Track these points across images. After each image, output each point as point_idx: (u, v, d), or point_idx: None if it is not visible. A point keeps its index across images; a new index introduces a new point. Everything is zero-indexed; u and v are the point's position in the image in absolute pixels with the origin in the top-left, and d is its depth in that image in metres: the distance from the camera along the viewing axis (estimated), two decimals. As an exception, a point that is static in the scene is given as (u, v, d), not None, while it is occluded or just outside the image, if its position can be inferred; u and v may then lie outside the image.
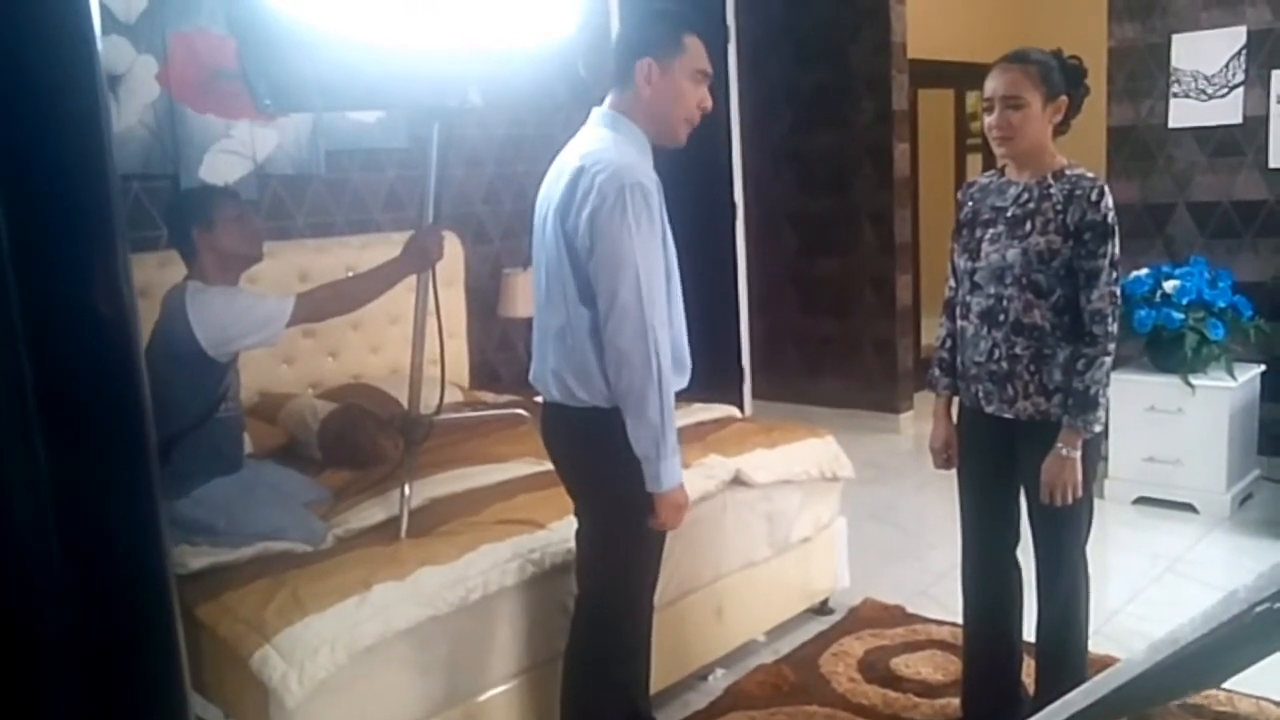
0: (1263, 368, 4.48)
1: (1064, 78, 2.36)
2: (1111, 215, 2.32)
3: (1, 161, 0.52)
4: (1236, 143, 4.58)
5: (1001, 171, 2.51)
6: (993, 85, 2.36)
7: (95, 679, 0.55)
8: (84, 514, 0.54)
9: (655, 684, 2.55)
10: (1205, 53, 4.59)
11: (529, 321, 4.34)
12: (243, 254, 2.68)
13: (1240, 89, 4.53)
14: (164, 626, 0.59)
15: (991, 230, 2.45)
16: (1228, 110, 4.57)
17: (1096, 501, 2.51)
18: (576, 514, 2.40)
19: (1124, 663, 0.76)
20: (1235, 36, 4.51)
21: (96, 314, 0.55)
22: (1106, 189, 2.33)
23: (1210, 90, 4.60)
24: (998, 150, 2.41)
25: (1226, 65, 4.54)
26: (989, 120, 2.38)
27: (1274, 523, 4.19)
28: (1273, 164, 4.48)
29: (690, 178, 5.24)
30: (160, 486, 0.58)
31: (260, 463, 2.97)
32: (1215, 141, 4.63)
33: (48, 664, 0.54)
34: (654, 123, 2.19)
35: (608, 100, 2.23)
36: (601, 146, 2.14)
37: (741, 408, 5.74)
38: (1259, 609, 0.69)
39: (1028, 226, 2.38)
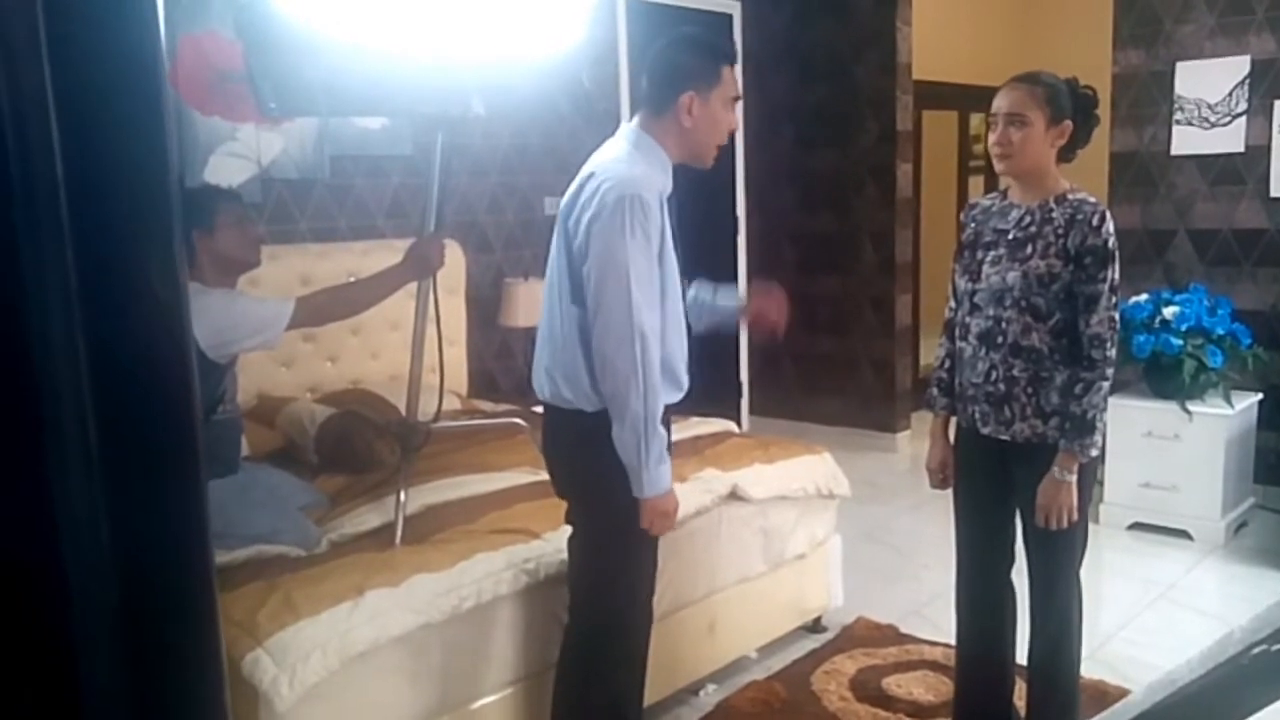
0: (1260, 396, 4.48)
1: (1072, 103, 2.37)
2: (1112, 240, 2.33)
3: (70, 169, 0.52)
4: (1238, 171, 4.59)
5: (1004, 194, 2.52)
6: (999, 102, 2.38)
7: (137, 656, 0.58)
8: (134, 508, 0.56)
9: (647, 698, 2.54)
10: (1209, 81, 4.61)
11: (529, 331, 4.36)
12: (240, 259, 2.67)
13: (1243, 118, 4.55)
14: (205, 612, 0.63)
15: (993, 252, 2.45)
16: (1230, 139, 4.59)
17: (1091, 526, 2.51)
18: (568, 519, 2.41)
19: (1122, 704, 0.75)
20: (1239, 66, 4.53)
21: (155, 317, 0.57)
22: (1108, 214, 2.34)
23: (1213, 118, 4.62)
24: (997, 167, 2.42)
25: (1230, 94, 4.56)
26: (991, 137, 2.40)
27: (1269, 551, 4.19)
28: (1274, 193, 4.50)
29: (693, 192, 5.25)
30: (205, 483, 0.61)
31: (257, 466, 2.96)
32: (1217, 169, 4.65)
33: (94, 645, 0.56)
34: (688, 149, 2.25)
35: (637, 119, 2.27)
36: (615, 159, 2.20)
37: (739, 423, 5.74)
38: (1255, 651, 0.69)
39: (1029, 250, 2.38)
